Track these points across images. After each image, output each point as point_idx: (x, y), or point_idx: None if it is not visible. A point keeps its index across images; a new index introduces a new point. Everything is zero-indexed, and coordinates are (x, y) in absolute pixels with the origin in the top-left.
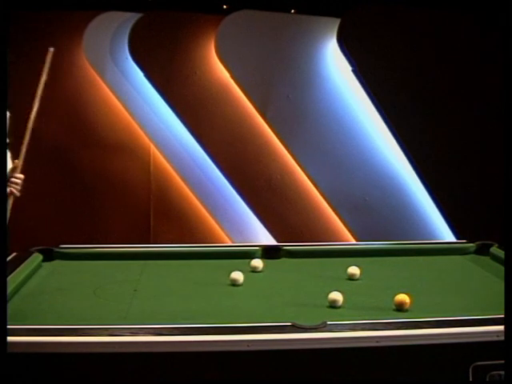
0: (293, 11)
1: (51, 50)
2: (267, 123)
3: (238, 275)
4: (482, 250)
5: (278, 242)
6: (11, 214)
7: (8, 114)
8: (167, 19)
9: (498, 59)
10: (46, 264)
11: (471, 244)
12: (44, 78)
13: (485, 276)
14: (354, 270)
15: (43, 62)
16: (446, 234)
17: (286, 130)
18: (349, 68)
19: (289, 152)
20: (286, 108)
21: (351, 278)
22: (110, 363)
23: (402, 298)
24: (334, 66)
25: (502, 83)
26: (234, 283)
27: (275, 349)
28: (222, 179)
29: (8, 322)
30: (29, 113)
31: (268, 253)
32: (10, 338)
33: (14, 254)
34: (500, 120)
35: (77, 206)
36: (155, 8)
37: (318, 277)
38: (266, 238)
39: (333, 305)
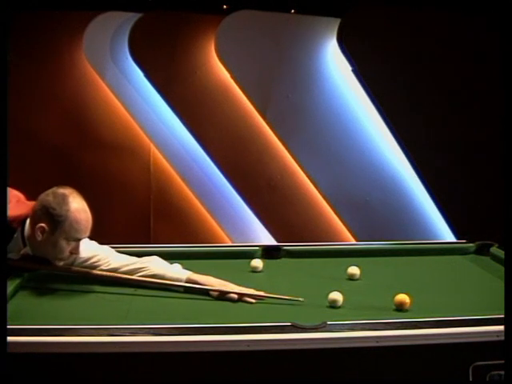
0: (293, 11)
1: None
2: (267, 123)
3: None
4: (482, 250)
5: (277, 241)
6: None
7: None
8: (167, 19)
9: (498, 59)
10: None
11: (471, 244)
12: None
13: (485, 276)
14: (353, 270)
15: (43, 62)
16: (446, 234)
17: (285, 129)
18: (349, 68)
19: (289, 152)
20: (286, 108)
21: (351, 278)
22: (110, 363)
23: (402, 298)
24: (334, 65)
25: (502, 84)
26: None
27: (275, 349)
28: (222, 179)
29: (8, 322)
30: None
31: (268, 253)
32: (9, 338)
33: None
34: (500, 120)
35: None
36: (155, 8)
37: (318, 277)
38: (266, 238)
39: (333, 305)
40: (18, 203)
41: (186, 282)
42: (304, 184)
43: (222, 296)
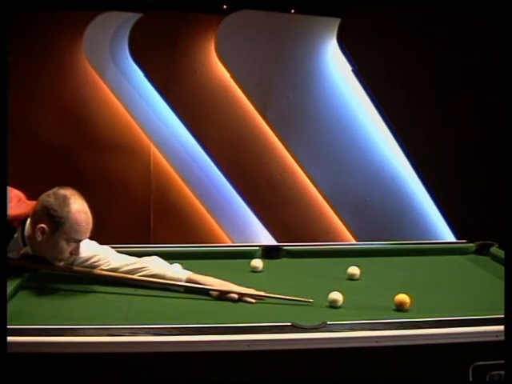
0: (293, 11)
1: None
2: (267, 123)
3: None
4: (482, 250)
5: (277, 242)
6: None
7: None
8: (167, 19)
9: (498, 59)
10: None
11: (471, 244)
12: None
13: (485, 276)
14: (353, 270)
15: (43, 62)
16: (446, 234)
17: (285, 130)
18: (349, 68)
19: (289, 152)
20: (286, 108)
21: (351, 278)
22: (110, 363)
23: (402, 298)
24: (334, 65)
25: (502, 83)
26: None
27: (275, 349)
28: (222, 179)
29: (8, 322)
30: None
31: (268, 253)
32: (10, 338)
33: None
34: (500, 120)
35: None
36: (155, 8)
37: (318, 277)
38: (266, 238)
39: (333, 305)
40: (18, 203)
41: (186, 282)
42: (304, 184)
43: (222, 296)
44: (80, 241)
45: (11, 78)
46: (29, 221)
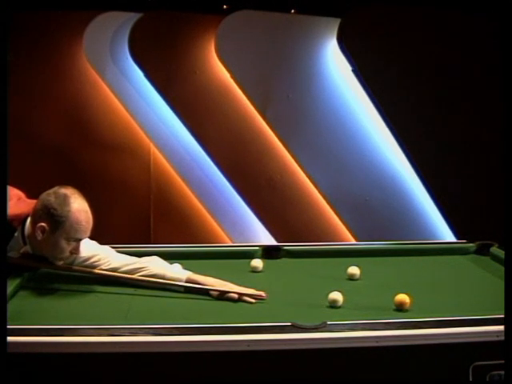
0: (293, 11)
1: None
2: (267, 123)
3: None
4: (482, 250)
5: (277, 242)
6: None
7: None
8: (167, 19)
9: (498, 59)
10: None
11: (471, 244)
12: None
13: (485, 276)
14: (354, 270)
15: (43, 62)
16: (446, 234)
17: (285, 129)
18: (349, 68)
19: (289, 152)
20: (286, 108)
21: (351, 278)
22: (110, 363)
23: (402, 298)
24: (334, 65)
25: (502, 83)
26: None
27: (275, 349)
28: (222, 179)
29: (8, 322)
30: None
31: (268, 253)
32: (10, 338)
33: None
34: (500, 120)
35: None
36: (155, 8)
37: (318, 277)
38: (266, 238)
39: (333, 305)
40: (18, 202)
41: (186, 282)
42: (304, 184)
43: (222, 296)
44: (80, 240)
45: (11, 78)
46: (29, 220)
